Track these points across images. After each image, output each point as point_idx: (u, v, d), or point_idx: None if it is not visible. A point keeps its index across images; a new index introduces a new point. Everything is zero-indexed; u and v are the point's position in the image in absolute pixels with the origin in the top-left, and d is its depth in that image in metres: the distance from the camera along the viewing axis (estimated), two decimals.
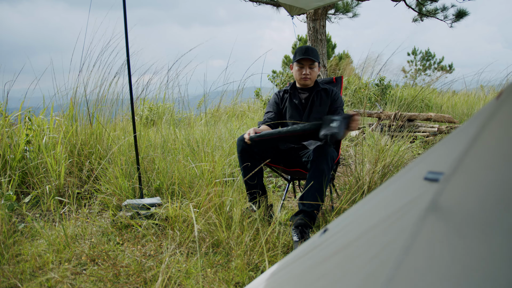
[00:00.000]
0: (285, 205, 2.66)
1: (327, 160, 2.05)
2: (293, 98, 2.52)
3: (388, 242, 0.61)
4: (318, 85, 2.51)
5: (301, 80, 2.46)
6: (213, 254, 1.92)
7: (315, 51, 2.46)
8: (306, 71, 2.42)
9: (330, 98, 2.47)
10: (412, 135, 4.58)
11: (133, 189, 2.59)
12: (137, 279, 1.67)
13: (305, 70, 2.42)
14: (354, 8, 7.24)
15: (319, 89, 2.49)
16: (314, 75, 2.46)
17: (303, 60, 2.40)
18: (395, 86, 7.52)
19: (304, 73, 2.43)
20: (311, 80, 2.46)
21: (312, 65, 2.42)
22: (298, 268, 0.86)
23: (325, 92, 2.49)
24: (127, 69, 2.51)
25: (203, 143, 3.27)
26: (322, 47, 5.96)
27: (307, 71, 2.42)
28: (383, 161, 2.95)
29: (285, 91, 2.59)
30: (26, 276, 1.70)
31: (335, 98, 2.48)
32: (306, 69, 2.42)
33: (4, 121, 3.05)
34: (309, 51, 2.41)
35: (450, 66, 15.75)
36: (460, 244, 0.53)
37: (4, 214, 2.06)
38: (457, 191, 0.59)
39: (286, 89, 2.59)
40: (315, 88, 2.50)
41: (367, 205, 0.85)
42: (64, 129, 3.12)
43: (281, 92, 2.60)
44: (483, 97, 7.42)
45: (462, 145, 0.65)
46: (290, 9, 3.56)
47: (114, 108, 3.71)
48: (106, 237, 2.13)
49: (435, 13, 6.61)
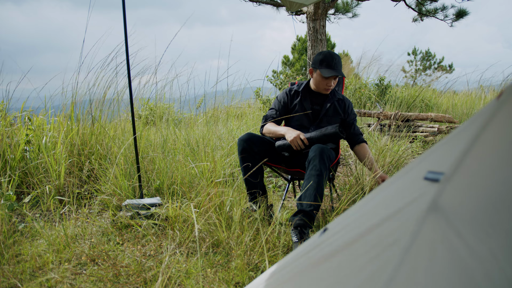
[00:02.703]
0: (285, 205, 2.66)
1: (323, 159, 2.03)
2: (304, 102, 2.41)
3: (388, 242, 0.61)
4: (335, 94, 2.43)
5: (323, 90, 2.37)
6: (213, 254, 1.92)
7: (341, 61, 2.34)
8: (333, 84, 2.33)
9: (344, 111, 2.42)
10: (412, 135, 4.58)
11: (133, 189, 2.59)
12: (137, 279, 1.67)
13: (332, 82, 2.33)
14: (354, 8, 7.24)
15: (335, 99, 2.41)
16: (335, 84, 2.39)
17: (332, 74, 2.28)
18: (395, 86, 7.52)
19: (329, 85, 2.33)
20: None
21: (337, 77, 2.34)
22: (298, 268, 0.86)
23: (339, 103, 2.42)
24: (127, 69, 2.51)
25: (203, 143, 3.27)
26: (322, 47, 5.96)
27: (333, 83, 2.33)
28: (383, 161, 2.95)
29: (296, 92, 2.46)
30: (26, 276, 1.70)
31: (348, 112, 2.43)
32: (333, 81, 2.33)
33: (4, 121, 3.05)
34: (339, 65, 2.29)
35: (450, 66, 15.76)
36: (460, 244, 0.53)
37: (4, 214, 2.06)
38: (457, 191, 0.59)
39: (297, 90, 2.46)
40: (332, 97, 2.41)
41: (367, 205, 0.85)
42: (64, 129, 3.12)
43: (292, 91, 2.47)
44: (483, 97, 7.43)
45: (462, 145, 0.65)
46: (289, 5, 3.54)
47: (114, 108, 3.71)
48: (106, 237, 2.13)
49: (435, 13, 6.62)
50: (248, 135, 2.29)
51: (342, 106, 2.43)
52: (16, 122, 3.22)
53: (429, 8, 6.64)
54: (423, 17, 6.83)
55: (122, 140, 3.14)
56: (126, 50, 2.45)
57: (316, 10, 5.78)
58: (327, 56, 2.29)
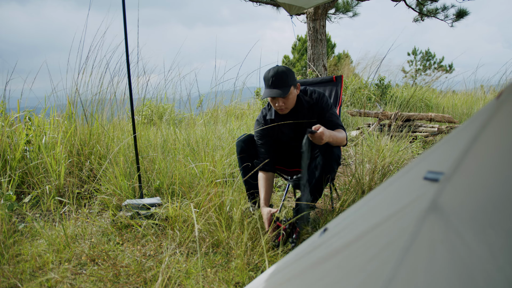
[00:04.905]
0: (285, 205, 2.65)
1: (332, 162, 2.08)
2: (283, 128, 2.24)
3: (388, 242, 0.61)
4: (302, 104, 2.18)
5: (278, 111, 2.16)
6: (213, 254, 1.92)
7: (285, 75, 2.03)
8: (280, 103, 2.07)
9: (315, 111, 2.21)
10: (412, 135, 4.58)
11: (133, 189, 2.59)
12: (137, 279, 1.67)
13: (278, 102, 2.07)
14: (354, 7, 7.23)
15: (304, 111, 2.19)
16: (290, 102, 2.11)
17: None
18: (395, 86, 7.52)
19: (278, 105, 2.08)
20: (289, 108, 2.13)
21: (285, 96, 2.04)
22: (299, 268, 0.86)
23: (308, 109, 2.21)
24: (127, 69, 2.51)
25: (203, 143, 3.27)
26: (322, 47, 5.96)
27: (280, 103, 2.07)
28: (383, 161, 2.95)
29: (271, 121, 2.25)
30: (26, 276, 1.70)
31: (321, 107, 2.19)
32: (279, 101, 2.06)
33: (4, 121, 3.05)
34: (277, 81, 2.02)
35: (450, 66, 15.76)
36: (460, 244, 0.53)
37: (4, 214, 2.06)
38: (457, 191, 0.59)
39: (271, 118, 2.24)
40: (300, 110, 2.19)
41: (367, 205, 0.85)
42: (63, 129, 3.12)
43: (267, 120, 2.26)
44: (483, 97, 7.42)
45: (462, 145, 0.65)
46: (289, 8, 3.55)
47: (114, 108, 3.71)
48: (106, 237, 2.13)
49: (436, 13, 6.62)
50: (247, 136, 2.30)
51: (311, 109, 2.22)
52: (16, 122, 3.22)
53: (430, 8, 6.64)
54: (423, 17, 6.83)
55: (121, 140, 3.14)
56: (126, 50, 2.45)
57: (316, 10, 5.77)
58: (266, 74, 2.08)
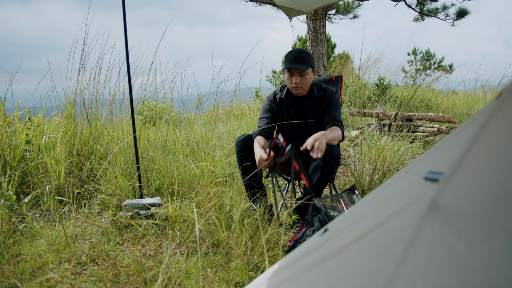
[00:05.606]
0: (285, 205, 2.65)
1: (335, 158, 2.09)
2: (290, 109, 2.33)
3: (388, 242, 0.61)
4: (313, 93, 2.29)
5: (292, 89, 2.26)
6: (213, 254, 1.92)
7: (306, 55, 2.20)
8: (296, 80, 2.19)
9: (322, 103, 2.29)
10: (412, 135, 4.59)
11: (133, 189, 2.59)
12: (137, 279, 1.67)
13: (295, 78, 2.19)
14: (355, 9, 7.22)
15: (313, 99, 2.28)
16: (306, 82, 2.23)
17: (292, 68, 2.17)
18: (395, 86, 7.52)
19: (294, 82, 2.20)
20: (304, 89, 2.26)
21: (303, 73, 2.18)
22: (299, 268, 0.86)
23: (320, 100, 2.31)
24: (127, 69, 2.51)
25: (203, 143, 3.27)
26: (322, 47, 5.95)
27: (297, 79, 2.19)
28: (383, 161, 2.95)
29: (280, 100, 2.35)
30: (26, 276, 1.70)
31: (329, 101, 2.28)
32: (297, 77, 2.19)
33: (4, 121, 3.05)
34: (299, 57, 2.17)
35: (450, 66, 15.74)
36: (460, 244, 0.53)
37: (4, 214, 2.06)
38: (457, 191, 0.59)
39: (281, 98, 2.35)
40: (310, 97, 2.29)
41: (367, 206, 0.85)
42: (63, 129, 3.12)
43: (276, 98, 2.36)
44: (483, 97, 7.42)
45: (462, 145, 0.65)
46: (288, 11, 3.55)
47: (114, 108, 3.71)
48: (106, 237, 2.13)
49: (436, 13, 6.61)
50: (246, 136, 2.31)
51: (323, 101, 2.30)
52: (15, 122, 3.22)
53: (430, 8, 6.63)
54: (424, 16, 6.82)
55: (121, 140, 3.14)
56: (126, 50, 2.45)
57: (316, 10, 5.78)
58: (287, 53, 2.23)
